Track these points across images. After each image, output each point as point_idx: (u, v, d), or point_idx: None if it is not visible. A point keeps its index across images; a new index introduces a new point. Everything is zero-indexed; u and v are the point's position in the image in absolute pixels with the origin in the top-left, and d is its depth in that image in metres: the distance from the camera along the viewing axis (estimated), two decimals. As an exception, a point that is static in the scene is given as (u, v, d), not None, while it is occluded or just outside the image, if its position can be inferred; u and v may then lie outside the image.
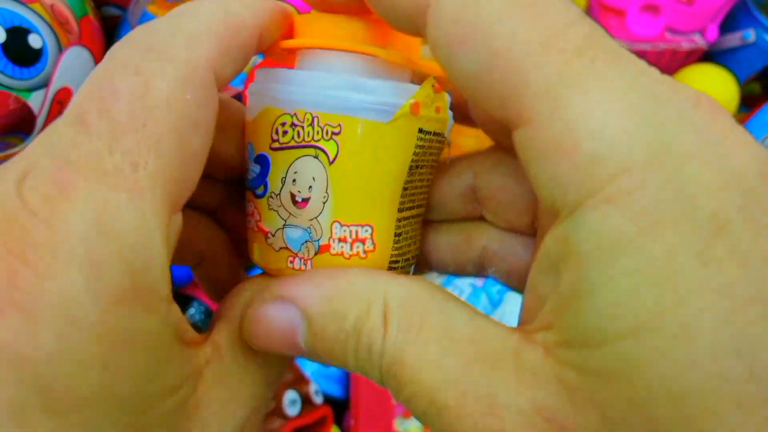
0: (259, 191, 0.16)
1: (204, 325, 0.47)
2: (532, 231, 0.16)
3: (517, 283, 0.17)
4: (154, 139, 0.12)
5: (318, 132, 0.15)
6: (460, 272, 0.18)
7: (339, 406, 0.52)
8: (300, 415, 0.45)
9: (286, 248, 0.16)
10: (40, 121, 0.47)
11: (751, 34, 0.53)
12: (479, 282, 0.53)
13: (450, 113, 0.16)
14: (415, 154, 0.15)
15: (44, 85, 0.45)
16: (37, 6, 0.44)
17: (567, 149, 0.11)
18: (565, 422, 0.11)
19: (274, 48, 0.16)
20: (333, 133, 0.15)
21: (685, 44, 0.53)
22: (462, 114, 0.17)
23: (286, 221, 0.15)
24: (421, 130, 0.15)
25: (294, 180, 0.15)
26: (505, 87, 0.11)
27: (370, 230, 0.15)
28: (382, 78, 0.15)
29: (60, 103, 0.47)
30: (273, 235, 0.16)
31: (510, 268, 0.17)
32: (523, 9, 0.11)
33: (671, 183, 0.10)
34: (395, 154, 0.15)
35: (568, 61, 0.11)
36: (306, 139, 0.15)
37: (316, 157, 0.15)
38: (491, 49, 0.11)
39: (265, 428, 0.44)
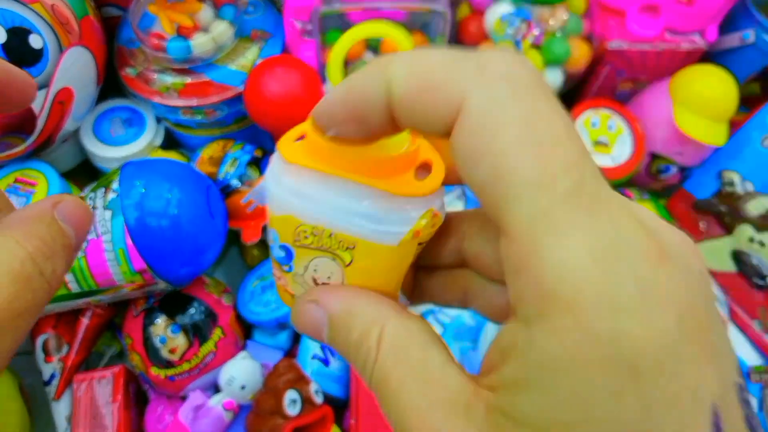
0: (286, 267, 0.20)
1: (204, 326, 0.47)
2: None
3: (495, 317, 0.20)
4: None
5: (335, 244, 0.18)
6: (447, 305, 0.22)
7: (339, 406, 0.52)
8: (300, 414, 0.45)
9: None
10: (40, 121, 0.47)
11: (750, 35, 0.53)
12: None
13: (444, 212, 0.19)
14: (415, 256, 0.19)
15: (45, 85, 0.45)
16: (37, 6, 0.44)
17: (534, 278, 0.13)
18: None
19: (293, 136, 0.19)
20: (348, 248, 0.18)
21: (684, 45, 0.53)
22: None
23: None
24: (420, 243, 0.19)
25: (315, 269, 0.19)
26: (500, 206, 0.14)
27: None
28: (391, 208, 0.18)
29: (61, 103, 0.47)
30: (299, 296, 0.20)
31: (488, 310, 0.20)
32: (531, 147, 0.13)
33: (605, 330, 0.12)
34: (399, 263, 0.19)
35: (553, 205, 0.13)
36: (325, 246, 0.18)
37: (333, 259, 0.19)
38: (497, 173, 0.14)
39: (266, 427, 0.44)
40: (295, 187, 0.18)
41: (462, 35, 0.52)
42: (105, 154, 0.54)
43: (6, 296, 0.15)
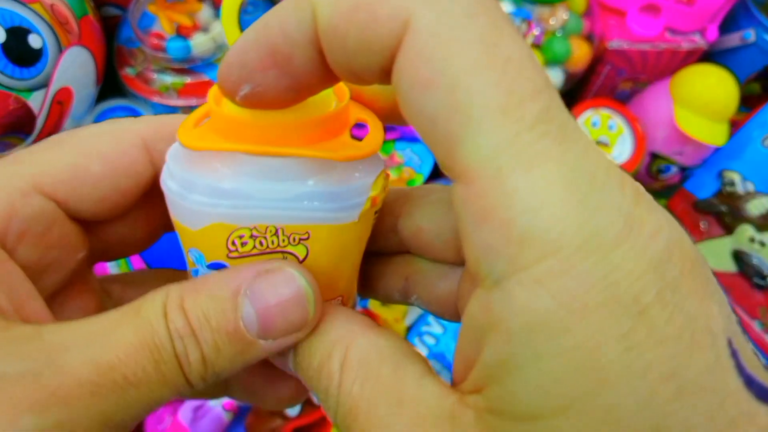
0: None
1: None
2: (458, 260, 0.17)
3: (438, 310, 0.18)
4: None
5: (284, 240, 0.15)
6: (387, 300, 0.19)
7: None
8: (300, 415, 0.45)
9: None
10: (40, 121, 0.47)
11: (751, 34, 0.53)
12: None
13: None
14: (372, 229, 0.16)
15: (44, 85, 0.45)
16: (37, 6, 0.44)
17: (502, 221, 0.11)
18: None
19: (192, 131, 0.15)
20: (301, 239, 0.15)
21: (685, 44, 0.53)
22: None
23: None
24: (376, 212, 0.16)
25: None
26: (457, 141, 0.11)
27: (340, 299, 0.17)
28: (341, 180, 0.15)
29: (60, 103, 0.47)
30: None
31: (431, 297, 0.18)
32: (494, 69, 0.11)
33: (598, 269, 0.11)
34: (360, 240, 0.16)
35: (519, 133, 0.11)
36: (271, 246, 0.15)
37: (284, 258, 0.15)
38: (453, 101, 0.11)
39: (266, 428, 0.44)
40: (215, 185, 0.14)
41: (462, 35, 0.52)
42: (104, 154, 0.54)
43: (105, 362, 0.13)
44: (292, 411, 0.45)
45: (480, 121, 0.11)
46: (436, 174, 0.59)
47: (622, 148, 0.55)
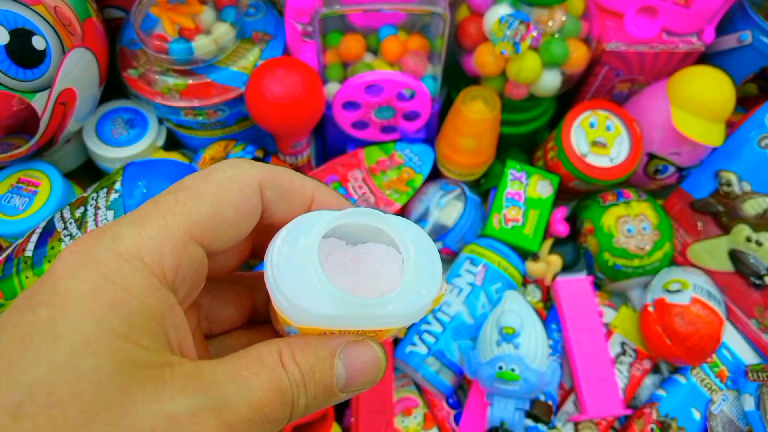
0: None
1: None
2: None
3: None
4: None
5: (363, 333, 0.20)
6: None
7: (339, 405, 0.52)
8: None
9: None
10: (43, 122, 0.47)
11: (747, 36, 0.53)
12: (479, 281, 0.53)
13: None
14: None
15: (48, 86, 0.46)
16: (40, 8, 0.44)
17: None
18: None
19: None
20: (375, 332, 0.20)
21: (682, 46, 0.53)
22: None
23: None
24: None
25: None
26: None
27: None
28: (410, 301, 0.19)
29: (63, 104, 0.48)
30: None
31: None
32: None
33: None
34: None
35: None
36: (349, 332, 0.20)
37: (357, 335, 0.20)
38: None
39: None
40: (321, 311, 0.18)
41: (461, 37, 0.52)
42: (107, 154, 0.54)
43: (255, 402, 0.17)
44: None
45: None
46: (435, 174, 0.59)
47: (620, 149, 0.55)
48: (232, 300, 0.23)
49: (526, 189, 0.57)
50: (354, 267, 0.20)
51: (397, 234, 0.20)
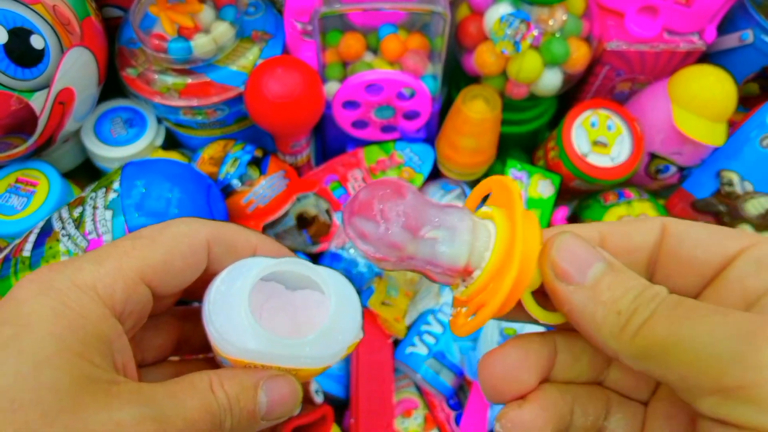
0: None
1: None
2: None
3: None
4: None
5: (282, 369, 0.22)
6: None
7: (339, 406, 0.52)
8: (300, 414, 0.45)
9: None
10: (41, 122, 0.47)
11: (749, 35, 0.53)
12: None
13: None
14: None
15: (46, 85, 0.45)
16: (39, 7, 0.44)
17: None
18: None
19: None
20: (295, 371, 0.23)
21: (683, 45, 0.53)
22: None
23: None
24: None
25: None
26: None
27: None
28: (327, 344, 0.22)
29: (62, 103, 0.48)
30: None
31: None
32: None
33: None
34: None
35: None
36: (273, 368, 0.22)
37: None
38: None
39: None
40: (245, 346, 0.21)
41: (462, 36, 0.52)
42: (106, 154, 0.54)
43: (189, 417, 0.19)
44: (293, 410, 0.45)
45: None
46: (435, 174, 0.59)
47: (621, 149, 0.55)
48: (163, 329, 0.26)
49: (527, 189, 0.57)
50: (291, 310, 0.23)
51: (322, 283, 0.22)
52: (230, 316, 0.21)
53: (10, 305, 0.19)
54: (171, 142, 0.58)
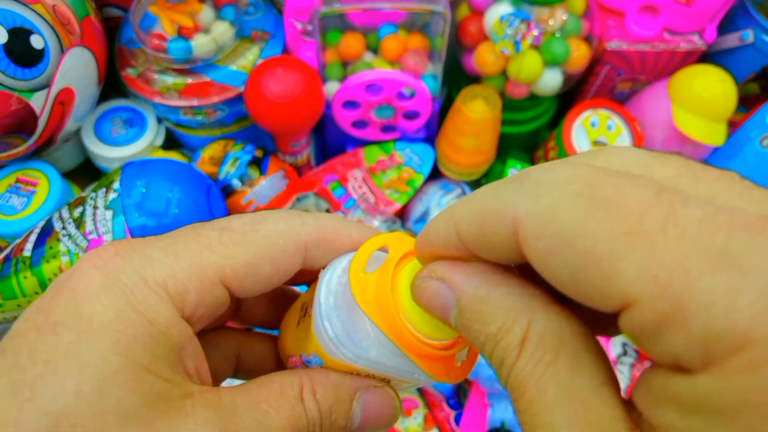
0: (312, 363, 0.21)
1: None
2: None
3: None
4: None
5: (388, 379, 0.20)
6: None
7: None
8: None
9: None
10: (41, 122, 0.47)
11: (749, 35, 0.53)
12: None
13: None
14: None
15: (46, 85, 0.45)
16: (39, 7, 0.44)
17: (679, 325, 0.11)
18: None
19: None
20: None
21: (683, 45, 0.53)
22: None
23: None
24: None
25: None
26: (599, 282, 0.12)
27: None
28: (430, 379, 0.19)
29: (62, 103, 0.48)
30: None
31: None
32: (598, 209, 0.12)
33: None
34: None
35: (654, 242, 0.11)
36: (376, 378, 0.20)
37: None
38: (576, 252, 0.12)
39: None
40: (364, 354, 0.18)
41: (462, 36, 0.52)
42: (106, 154, 0.54)
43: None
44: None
45: (611, 252, 0.12)
46: (435, 174, 0.59)
47: (621, 148, 0.55)
48: (222, 352, 0.24)
49: (527, 189, 0.57)
50: None
51: None
52: (352, 315, 0.18)
53: (68, 300, 0.16)
54: (171, 142, 0.58)
